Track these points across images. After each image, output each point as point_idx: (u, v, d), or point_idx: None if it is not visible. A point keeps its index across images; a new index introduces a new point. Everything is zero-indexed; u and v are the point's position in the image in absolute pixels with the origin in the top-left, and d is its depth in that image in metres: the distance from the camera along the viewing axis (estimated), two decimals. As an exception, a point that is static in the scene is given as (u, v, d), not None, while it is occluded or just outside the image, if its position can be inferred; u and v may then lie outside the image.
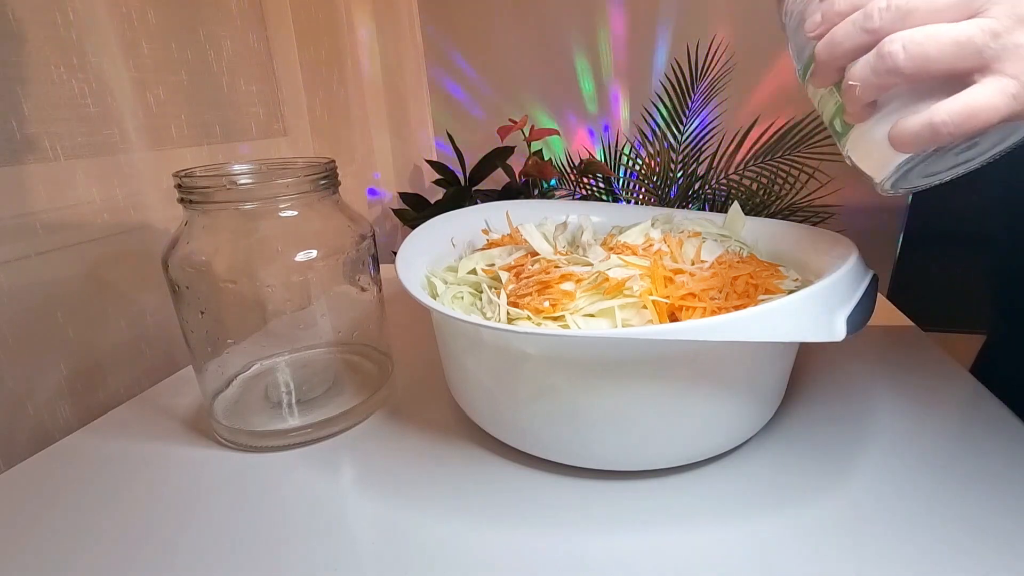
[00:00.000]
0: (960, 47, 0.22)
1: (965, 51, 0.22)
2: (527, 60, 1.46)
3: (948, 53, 0.22)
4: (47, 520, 0.35)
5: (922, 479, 0.34)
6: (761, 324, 0.27)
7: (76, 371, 0.54)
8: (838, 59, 0.25)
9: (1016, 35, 0.21)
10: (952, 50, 0.22)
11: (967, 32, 0.21)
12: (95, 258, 0.56)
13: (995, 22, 0.21)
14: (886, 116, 0.25)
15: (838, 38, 0.24)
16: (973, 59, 0.22)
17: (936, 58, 0.22)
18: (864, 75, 0.24)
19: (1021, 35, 0.21)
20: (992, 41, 0.21)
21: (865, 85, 0.24)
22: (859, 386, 0.45)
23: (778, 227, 0.46)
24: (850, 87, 0.24)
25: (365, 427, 0.43)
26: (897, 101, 0.25)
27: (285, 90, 0.89)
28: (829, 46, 0.25)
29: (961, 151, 0.26)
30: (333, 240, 0.41)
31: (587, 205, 0.56)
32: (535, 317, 0.35)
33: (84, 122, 0.56)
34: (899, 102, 0.24)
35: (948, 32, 0.22)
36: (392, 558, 0.30)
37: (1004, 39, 0.21)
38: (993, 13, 0.21)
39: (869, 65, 0.23)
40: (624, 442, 0.34)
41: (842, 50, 0.24)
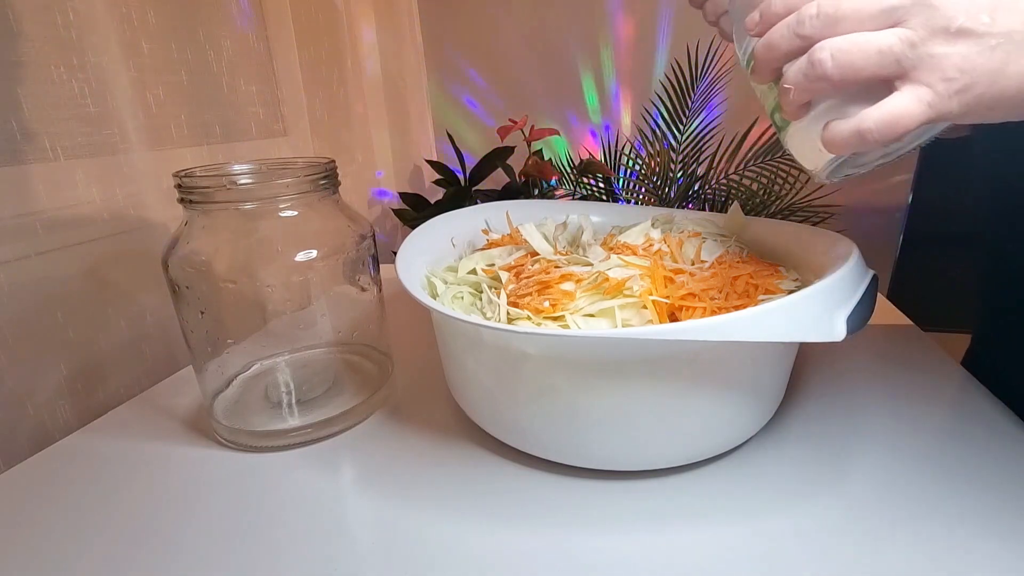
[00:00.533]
0: (882, 56, 0.23)
1: (886, 59, 0.23)
2: (527, 60, 1.46)
3: (871, 61, 0.23)
4: (47, 520, 0.35)
5: (922, 479, 0.34)
6: (761, 324, 0.27)
7: (76, 371, 0.54)
8: (774, 60, 0.27)
9: (930, 45, 0.23)
10: (875, 59, 0.23)
11: (887, 42, 0.23)
12: (95, 258, 0.56)
13: (912, 33, 0.23)
14: (818, 116, 0.27)
15: (774, 41, 0.26)
16: (893, 67, 0.23)
17: (860, 66, 0.24)
18: (797, 79, 0.25)
19: (935, 46, 0.23)
20: (909, 51, 0.23)
21: (798, 88, 0.26)
22: (859, 386, 0.45)
23: (778, 227, 0.46)
24: (785, 89, 0.26)
25: (365, 427, 0.43)
26: (828, 102, 0.26)
27: (285, 90, 0.89)
28: (766, 47, 0.26)
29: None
30: (333, 240, 0.41)
31: (587, 205, 0.56)
32: (535, 317, 0.35)
33: (84, 122, 0.56)
34: (830, 103, 0.26)
35: (871, 41, 0.23)
36: (392, 558, 0.30)
37: (920, 49, 0.23)
38: (911, 24, 0.23)
39: (801, 71, 0.25)
40: (624, 442, 0.34)
41: (778, 53, 0.26)
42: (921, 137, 0.27)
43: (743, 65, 0.31)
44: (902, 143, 0.27)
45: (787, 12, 0.26)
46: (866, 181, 1.40)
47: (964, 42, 0.22)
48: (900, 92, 0.24)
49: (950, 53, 0.23)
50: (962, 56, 0.22)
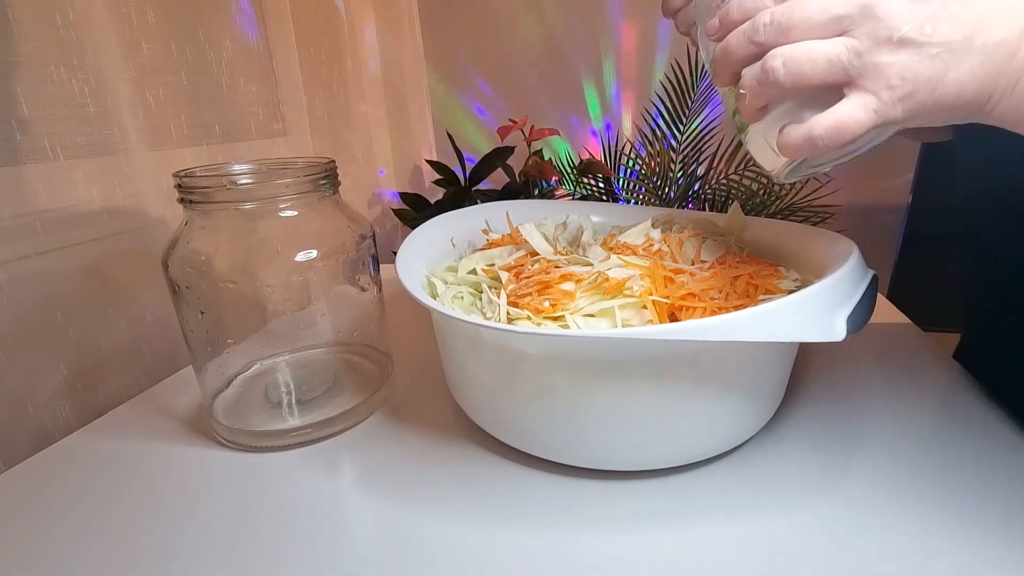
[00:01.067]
0: (830, 64, 0.24)
1: (834, 67, 0.24)
2: (527, 60, 1.46)
3: (820, 69, 0.24)
4: (47, 520, 0.35)
5: (922, 478, 0.34)
6: (761, 324, 0.27)
7: (76, 371, 0.54)
8: (731, 65, 0.28)
9: (875, 55, 0.24)
10: (824, 66, 0.24)
11: (835, 51, 0.24)
12: (95, 258, 0.56)
13: (858, 42, 0.24)
14: (774, 120, 0.28)
15: (731, 47, 0.27)
16: (841, 74, 0.24)
17: (810, 74, 0.25)
18: (751, 85, 0.26)
19: (879, 55, 0.24)
20: (855, 59, 0.24)
21: (752, 93, 0.27)
22: (859, 386, 0.45)
23: (778, 227, 0.46)
24: (741, 94, 0.27)
25: (365, 427, 0.43)
26: (784, 106, 0.27)
27: (285, 90, 0.89)
28: (723, 53, 0.28)
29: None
30: (333, 240, 0.41)
31: (587, 205, 0.56)
32: (535, 317, 0.35)
33: (84, 122, 0.56)
34: (785, 107, 0.27)
35: (820, 50, 0.24)
36: (392, 558, 0.30)
37: (865, 58, 0.24)
38: (857, 34, 0.24)
39: (755, 77, 0.26)
40: (624, 442, 0.34)
41: (734, 58, 0.27)
42: (873, 140, 0.28)
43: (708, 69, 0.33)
44: (855, 146, 0.29)
45: (743, 19, 0.27)
46: (866, 181, 1.40)
47: (906, 51, 0.23)
48: (848, 99, 0.25)
49: (893, 62, 0.23)
50: (904, 65, 0.23)
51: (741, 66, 0.27)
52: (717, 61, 0.28)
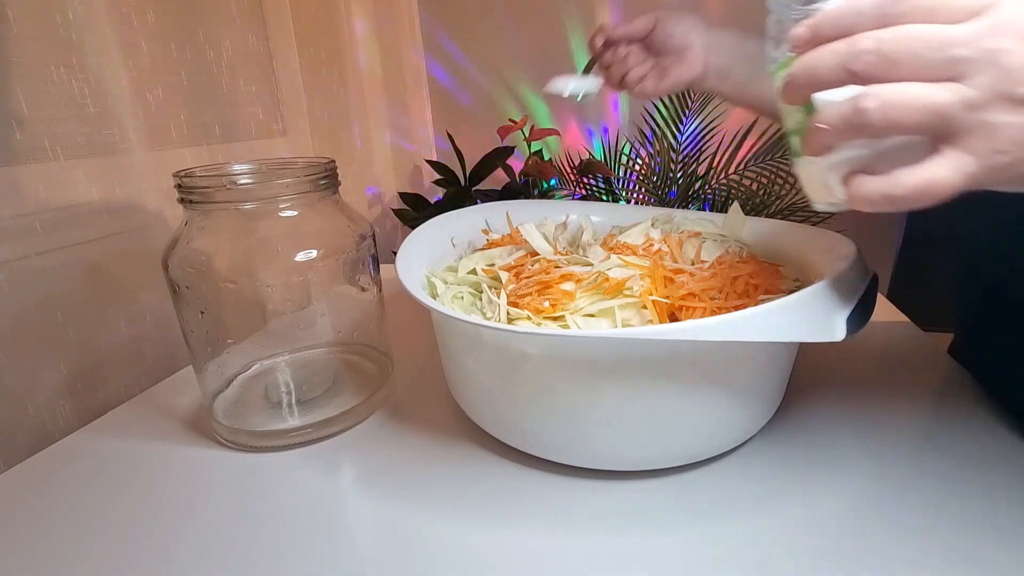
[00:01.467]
0: (934, 115, 0.21)
1: (938, 119, 0.21)
2: (528, 60, 1.46)
3: (919, 119, 0.21)
4: (47, 520, 0.35)
5: (921, 478, 0.34)
6: (761, 324, 0.27)
7: (76, 371, 0.54)
8: (812, 87, 0.24)
9: (991, 112, 0.20)
10: (925, 117, 0.21)
11: (943, 100, 0.21)
12: (95, 258, 0.56)
13: (974, 93, 0.21)
14: (844, 162, 0.25)
15: (819, 68, 0.23)
16: (943, 127, 0.21)
17: (907, 122, 0.21)
18: (835, 122, 0.23)
19: (995, 112, 0.20)
20: (966, 113, 0.21)
21: (834, 131, 0.23)
22: (858, 386, 0.45)
23: (778, 227, 0.46)
24: (818, 129, 0.24)
25: (365, 427, 0.43)
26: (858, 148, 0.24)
27: (285, 90, 0.89)
28: (807, 72, 0.24)
29: None
30: (333, 240, 0.41)
31: (587, 205, 0.56)
32: (535, 317, 0.35)
33: (84, 122, 0.56)
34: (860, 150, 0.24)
35: (927, 97, 0.21)
36: (392, 558, 0.30)
37: (978, 114, 0.21)
38: (975, 82, 0.21)
39: (842, 115, 0.23)
40: (624, 442, 0.34)
41: (819, 81, 0.24)
42: None
43: (771, 71, 0.29)
44: None
45: (838, 36, 0.23)
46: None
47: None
48: (942, 157, 0.21)
49: (1009, 123, 0.20)
50: (1020, 128, 0.20)
51: (824, 88, 0.24)
52: (796, 78, 0.24)
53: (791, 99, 0.26)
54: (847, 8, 0.23)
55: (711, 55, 0.48)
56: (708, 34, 0.48)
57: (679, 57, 0.48)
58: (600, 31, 0.49)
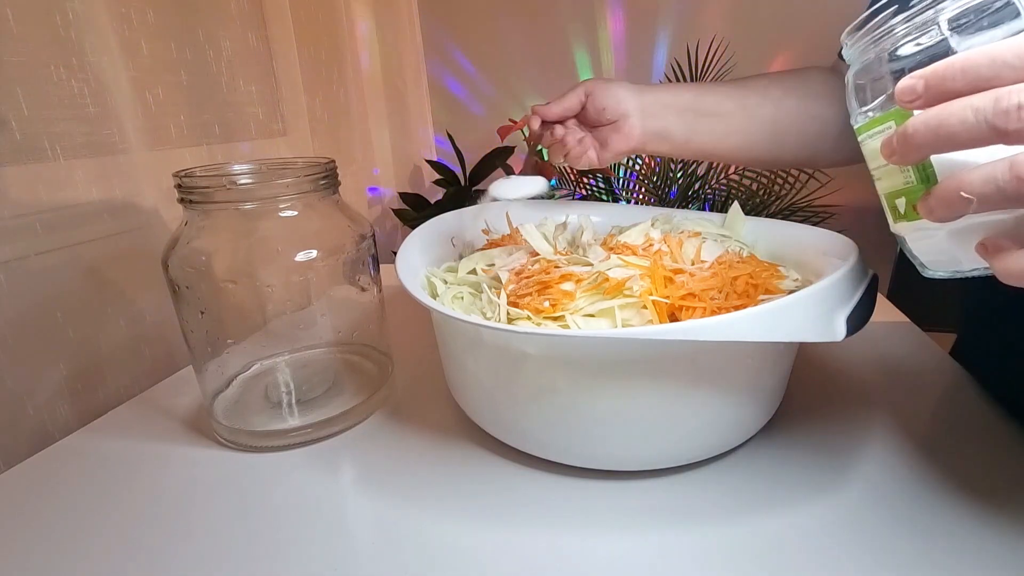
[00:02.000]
0: None
1: None
2: (528, 60, 1.46)
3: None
4: (47, 520, 0.35)
5: (921, 478, 0.34)
6: (761, 324, 0.27)
7: (76, 371, 0.54)
8: (943, 147, 0.20)
9: None
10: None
11: None
12: (95, 258, 0.56)
13: None
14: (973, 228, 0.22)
15: (951, 125, 0.19)
16: None
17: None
18: (984, 191, 0.19)
19: None
20: None
21: (982, 201, 0.19)
22: (858, 386, 0.45)
23: (778, 227, 0.46)
24: (960, 199, 0.20)
25: (365, 427, 0.43)
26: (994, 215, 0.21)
27: (285, 90, 0.89)
28: (934, 131, 0.20)
29: None
30: (333, 240, 0.41)
31: (587, 205, 0.56)
32: (535, 317, 0.35)
33: (84, 122, 0.56)
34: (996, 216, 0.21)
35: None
36: (392, 558, 0.30)
37: None
38: None
39: (995, 182, 0.19)
40: (624, 442, 0.34)
41: (953, 141, 0.20)
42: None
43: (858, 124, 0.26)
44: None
45: (970, 89, 0.19)
46: (866, 181, 1.40)
47: None
48: None
49: None
50: None
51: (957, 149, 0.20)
52: (913, 137, 0.21)
53: (903, 159, 0.22)
54: (980, 57, 0.19)
55: (647, 121, 0.47)
56: (640, 98, 0.47)
57: (615, 128, 0.47)
58: (535, 113, 0.48)
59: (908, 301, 0.61)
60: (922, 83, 0.20)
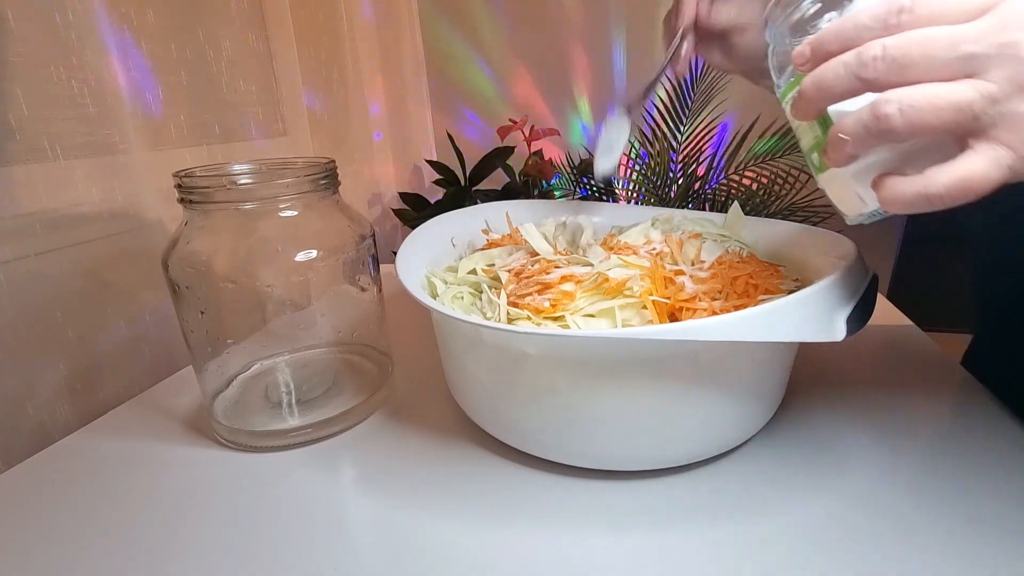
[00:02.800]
0: (958, 112, 0.21)
1: (963, 116, 0.21)
2: (528, 60, 1.46)
3: (945, 118, 0.21)
4: (47, 520, 0.35)
5: (922, 479, 0.34)
6: (761, 324, 0.27)
7: (76, 371, 0.54)
8: (825, 100, 0.24)
9: (1015, 102, 0.21)
10: (950, 115, 0.21)
11: (966, 97, 0.21)
12: (95, 258, 0.56)
13: (995, 87, 0.21)
14: (871, 167, 0.25)
15: (828, 80, 0.24)
16: (969, 124, 0.21)
17: (933, 123, 0.21)
18: (855, 131, 0.23)
19: (1021, 103, 0.21)
20: (990, 107, 0.21)
21: (856, 140, 0.23)
22: (858, 386, 0.45)
23: (778, 227, 0.46)
24: (839, 140, 0.24)
25: (365, 427, 0.43)
26: (885, 153, 0.25)
27: (285, 90, 0.89)
28: (817, 86, 0.24)
29: None
30: (333, 240, 0.41)
31: (587, 205, 0.56)
32: (535, 317, 0.35)
33: (84, 122, 0.56)
34: (887, 155, 0.25)
35: (947, 96, 0.21)
36: (392, 558, 0.30)
37: (1003, 106, 0.21)
38: (993, 77, 0.21)
39: (862, 123, 0.23)
40: (624, 442, 0.34)
41: (831, 93, 0.24)
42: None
43: (779, 95, 0.30)
44: None
45: (842, 49, 0.23)
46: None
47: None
48: (975, 152, 0.22)
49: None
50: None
51: (837, 101, 0.24)
52: (806, 94, 0.25)
53: (804, 115, 0.26)
54: (847, 22, 0.23)
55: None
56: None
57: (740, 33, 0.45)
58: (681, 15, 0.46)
59: (908, 301, 0.61)
60: (808, 49, 0.25)
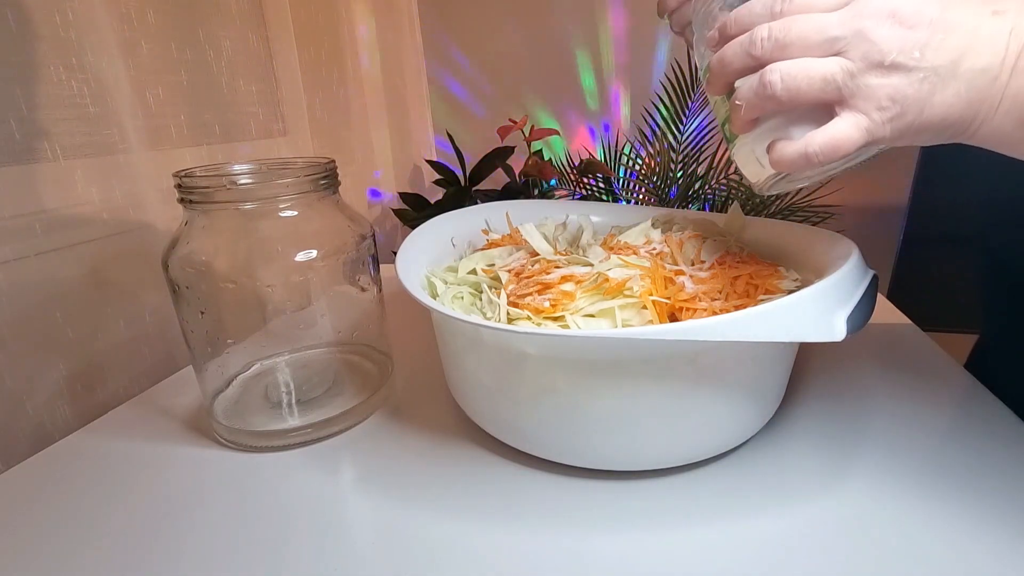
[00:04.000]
0: (825, 83, 0.25)
1: (828, 86, 0.26)
2: (527, 60, 1.46)
3: (815, 87, 0.26)
4: (47, 520, 0.35)
5: (921, 478, 0.34)
6: (761, 324, 0.27)
7: (76, 371, 0.54)
8: (727, 76, 0.29)
9: (867, 76, 0.25)
10: (819, 84, 0.26)
11: (830, 70, 0.25)
12: (95, 258, 0.56)
13: (851, 64, 0.25)
14: (764, 133, 0.29)
15: (727, 57, 0.28)
16: (834, 93, 0.26)
17: (806, 90, 0.26)
18: (747, 96, 0.27)
19: (871, 77, 0.25)
20: (849, 80, 0.25)
21: (748, 105, 0.28)
22: (859, 386, 0.45)
23: (778, 227, 0.46)
24: (736, 105, 0.28)
25: (365, 427, 0.43)
26: (774, 121, 0.29)
27: (285, 90, 0.89)
28: (720, 63, 0.29)
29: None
30: (333, 240, 0.41)
31: (587, 205, 0.56)
32: (535, 317, 0.35)
33: (84, 122, 0.56)
34: (775, 122, 0.29)
35: (816, 68, 0.25)
36: (392, 558, 0.30)
37: (857, 79, 0.25)
38: (851, 55, 0.25)
39: (752, 89, 0.27)
40: (624, 442, 0.34)
41: (731, 69, 0.28)
42: (857, 158, 0.30)
43: (701, 76, 0.33)
44: (839, 163, 0.30)
45: (740, 32, 0.28)
46: (866, 181, 1.40)
47: (896, 75, 0.25)
48: (840, 118, 0.26)
49: (884, 84, 0.25)
50: (894, 87, 0.25)
51: (736, 77, 0.29)
52: (713, 70, 0.29)
53: (714, 90, 0.31)
54: (744, 11, 0.28)
55: None
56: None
57: None
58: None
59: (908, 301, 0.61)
60: (716, 33, 0.29)
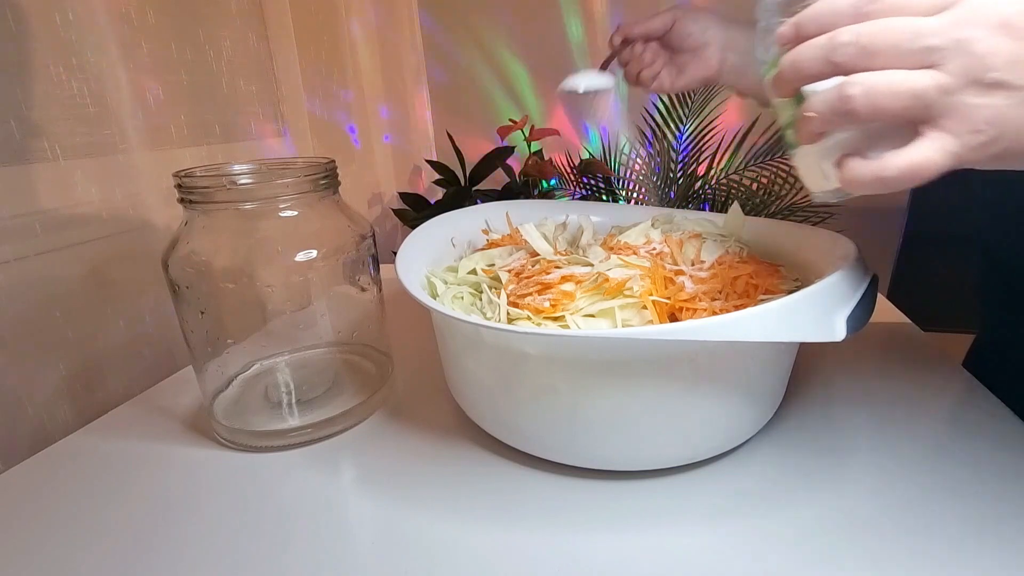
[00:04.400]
0: (914, 99, 0.23)
1: (917, 103, 0.23)
2: (528, 60, 1.46)
3: (901, 104, 0.23)
4: (47, 520, 0.35)
5: (921, 478, 0.34)
6: (761, 324, 0.27)
7: (76, 371, 0.54)
8: (799, 80, 0.26)
9: (964, 94, 0.22)
10: (906, 101, 0.23)
11: (921, 85, 0.22)
12: (95, 258, 0.56)
13: (949, 79, 0.22)
14: (834, 147, 0.27)
15: (802, 61, 0.25)
16: (922, 111, 0.23)
17: (890, 107, 0.23)
18: (822, 110, 0.25)
19: (969, 95, 0.22)
20: (942, 97, 0.22)
21: (822, 119, 0.25)
22: (858, 386, 0.45)
23: (778, 227, 0.46)
24: (808, 117, 0.26)
25: (365, 427, 0.43)
26: (848, 134, 0.26)
27: (285, 90, 0.89)
28: (793, 66, 0.26)
29: None
30: (333, 240, 0.41)
31: (587, 205, 0.56)
32: (535, 317, 0.35)
33: (84, 122, 0.56)
34: (849, 136, 0.26)
35: (905, 83, 0.23)
36: (392, 558, 0.30)
37: (953, 97, 0.22)
38: (948, 69, 0.22)
39: (828, 103, 0.24)
40: (624, 442, 0.34)
41: (804, 73, 0.25)
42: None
43: (762, 72, 0.31)
44: None
45: (818, 32, 0.25)
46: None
47: (998, 94, 0.22)
48: (925, 139, 0.23)
49: (983, 104, 0.22)
50: (995, 109, 0.22)
51: (809, 81, 0.26)
52: (783, 72, 0.26)
53: (781, 92, 0.28)
54: (826, 7, 0.25)
55: (728, 53, 0.48)
56: (726, 32, 0.48)
57: (696, 55, 0.48)
58: (619, 30, 0.49)
59: (908, 301, 0.61)
60: (791, 29, 0.26)
